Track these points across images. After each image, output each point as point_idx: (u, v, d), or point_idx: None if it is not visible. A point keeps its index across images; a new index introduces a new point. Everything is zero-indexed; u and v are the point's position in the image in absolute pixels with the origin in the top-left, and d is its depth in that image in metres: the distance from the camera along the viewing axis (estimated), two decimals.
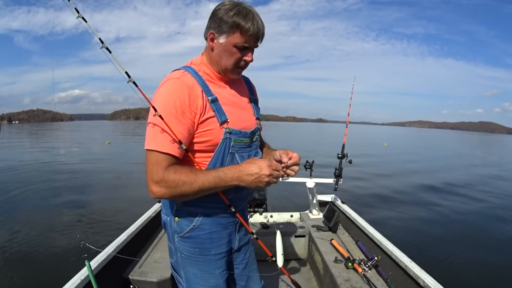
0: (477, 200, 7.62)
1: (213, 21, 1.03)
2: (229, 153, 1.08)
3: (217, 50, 1.06)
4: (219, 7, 1.03)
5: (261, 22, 1.03)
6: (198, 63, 1.12)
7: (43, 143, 22.92)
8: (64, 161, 13.17)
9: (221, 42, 1.03)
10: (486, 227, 5.51)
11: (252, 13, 1.01)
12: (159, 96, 1.01)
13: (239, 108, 1.14)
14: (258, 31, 1.02)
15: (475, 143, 50.70)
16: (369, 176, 10.06)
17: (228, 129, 1.06)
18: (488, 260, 4.08)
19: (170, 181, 0.95)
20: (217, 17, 1.02)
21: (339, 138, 1.11)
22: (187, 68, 1.08)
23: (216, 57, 1.07)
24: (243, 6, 1.01)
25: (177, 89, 1.00)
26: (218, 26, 1.02)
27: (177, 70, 1.09)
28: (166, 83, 1.03)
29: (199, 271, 1.15)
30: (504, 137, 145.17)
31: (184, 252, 1.14)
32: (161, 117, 0.95)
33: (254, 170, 0.98)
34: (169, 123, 0.95)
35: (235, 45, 1.02)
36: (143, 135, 1.02)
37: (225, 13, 1.00)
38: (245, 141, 1.13)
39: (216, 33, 1.03)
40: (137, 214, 2.66)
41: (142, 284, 1.95)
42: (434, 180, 10.02)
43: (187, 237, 1.12)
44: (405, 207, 6.72)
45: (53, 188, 7.93)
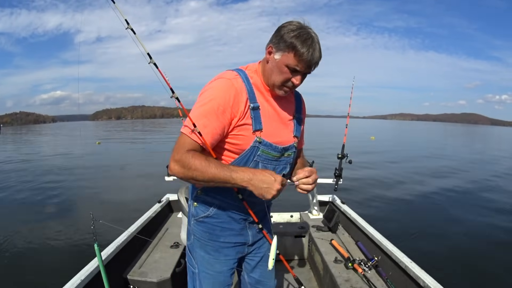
0: (478, 199, 7.62)
1: (275, 36, 1.06)
2: (254, 160, 1.12)
3: (270, 64, 1.09)
4: (286, 24, 1.06)
5: (318, 51, 1.04)
6: (252, 70, 1.15)
7: (37, 147, 22.83)
8: (65, 164, 13.17)
9: (276, 57, 1.06)
10: (486, 227, 5.51)
11: (313, 40, 1.02)
12: (208, 90, 1.08)
13: (278, 122, 1.17)
14: (311, 59, 1.03)
15: (464, 135, 50.76)
16: (369, 174, 10.06)
17: (259, 139, 1.10)
18: (488, 260, 4.08)
19: (186, 162, 1.00)
20: (279, 33, 1.05)
21: (328, 133, 1.07)
22: (241, 72, 1.13)
23: (268, 71, 1.10)
24: (307, 31, 1.03)
25: (225, 89, 1.06)
26: (277, 42, 1.05)
27: (231, 70, 1.14)
28: (218, 80, 1.09)
29: (206, 254, 1.25)
30: (488, 128, 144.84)
31: (197, 235, 1.25)
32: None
33: (267, 180, 0.98)
34: (208, 117, 1.04)
35: (287, 65, 1.05)
36: (129, 136, 1.03)
37: (287, 32, 1.03)
38: (273, 154, 1.15)
39: (274, 47, 1.06)
40: (137, 214, 2.67)
41: (142, 284, 1.95)
42: (432, 177, 10.01)
43: (201, 221, 1.23)
44: (405, 207, 6.72)
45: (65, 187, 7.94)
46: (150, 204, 2.97)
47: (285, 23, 1.07)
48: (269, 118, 1.13)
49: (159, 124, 63.68)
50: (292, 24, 1.04)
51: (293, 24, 1.05)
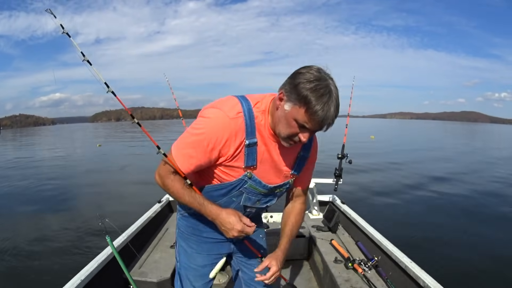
0: (478, 200, 7.62)
1: (289, 82, 0.93)
2: (239, 190, 1.11)
3: (279, 113, 0.97)
4: (303, 71, 0.92)
5: (335, 110, 0.91)
6: (260, 109, 1.04)
7: (38, 150, 22.80)
8: (68, 164, 13.17)
9: (285, 108, 0.94)
10: (487, 227, 5.51)
11: (330, 96, 0.89)
12: (205, 121, 1.01)
13: (274, 166, 1.11)
14: (324, 120, 0.91)
15: (464, 133, 50.78)
16: (368, 173, 10.06)
17: (250, 174, 1.07)
18: (488, 260, 4.07)
19: (165, 183, 1.07)
20: (294, 81, 0.92)
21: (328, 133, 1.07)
22: (246, 107, 1.01)
23: (276, 119, 0.99)
24: (326, 83, 0.90)
25: (220, 128, 0.98)
26: (289, 90, 0.92)
27: (236, 101, 1.02)
28: (218, 113, 1.00)
29: (189, 247, 1.29)
30: (488, 126, 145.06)
31: (181, 229, 1.30)
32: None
33: (228, 224, 1.04)
34: (196, 149, 1.01)
35: (296, 119, 0.93)
36: (127, 137, 1.04)
37: (302, 82, 0.90)
38: (260, 190, 1.13)
39: (285, 96, 0.94)
40: (137, 214, 2.67)
41: (142, 284, 1.95)
42: (431, 176, 10.00)
43: (185, 216, 1.28)
44: (404, 206, 6.72)
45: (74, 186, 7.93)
46: (150, 204, 2.97)
47: (303, 68, 0.93)
48: (265, 159, 1.08)
49: (158, 126, 63.69)
50: (310, 73, 0.91)
51: (311, 72, 0.91)
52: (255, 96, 1.06)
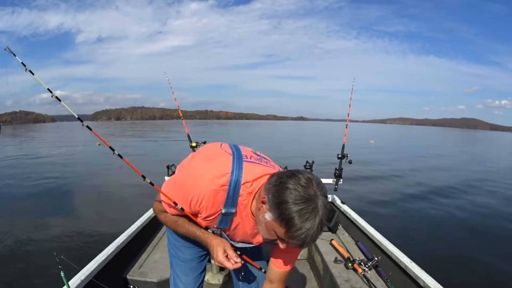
0: (478, 199, 7.63)
1: (274, 193, 0.86)
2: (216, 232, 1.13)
3: (259, 216, 0.93)
4: (291, 185, 0.84)
5: (316, 232, 0.85)
6: (250, 190, 1.00)
7: (38, 147, 22.77)
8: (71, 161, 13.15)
9: (266, 217, 0.89)
10: (487, 227, 5.51)
11: (315, 219, 0.83)
12: (191, 177, 1.03)
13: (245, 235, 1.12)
14: (302, 243, 0.87)
15: (463, 140, 50.82)
16: (367, 175, 10.07)
17: (220, 232, 1.11)
18: (488, 260, 4.08)
19: (159, 217, 1.19)
20: (280, 196, 0.84)
21: (328, 135, 1.03)
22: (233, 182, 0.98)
23: (256, 217, 0.97)
24: (313, 206, 0.83)
25: (202, 193, 0.99)
26: (272, 205, 0.86)
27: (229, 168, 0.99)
28: (205, 177, 0.98)
29: (175, 240, 1.31)
30: (488, 133, 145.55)
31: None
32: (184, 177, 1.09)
33: (212, 252, 1.09)
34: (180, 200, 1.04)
35: (275, 232, 0.90)
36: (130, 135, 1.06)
37: (288, 202, 0.83)
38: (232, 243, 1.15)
39: (267, 205, 0.88)
40: (137, 214, 2.67)
41: (142, 285, 1.95)
42: (431, 178, 10.02)
43: None
44: (404, 207, 6.72)
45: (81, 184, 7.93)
46: (150, 204, 2.96)
47: (291, 178, 0.85)
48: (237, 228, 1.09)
49: (158, 126, 63.68)
50: (297, 190, 0.83)
51: (298, 190, 0.83)
52: (252, 169, 1.01)
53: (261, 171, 1.02)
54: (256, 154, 1.12)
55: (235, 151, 1.07)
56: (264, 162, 1.09)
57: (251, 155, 1.09)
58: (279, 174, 0.91)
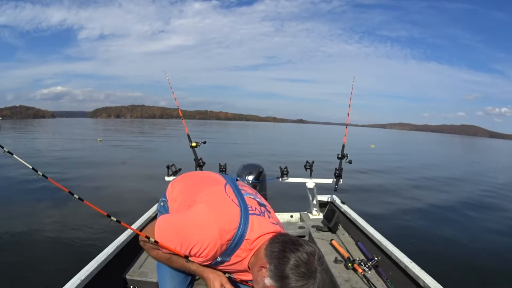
0: (477, 200, 7.65)
1: (276, 265, 0.90)
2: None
3: (258, 278, 0.95)
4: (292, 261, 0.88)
5: None
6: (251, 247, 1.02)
7: (37, 143, 22.67)
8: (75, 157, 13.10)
9: (265, 282, 0.92)
10: (487, 228, 5.53)
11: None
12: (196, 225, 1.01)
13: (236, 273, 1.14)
14: None
15: (463, 145, 50.96)
16: (369, 178, 10.07)
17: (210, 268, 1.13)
18: (488, 260, 4.08)
19: (149, 254, 1.17)
20: (282, 268, 0.88)
21: (328, 136, 1.02)
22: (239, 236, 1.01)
23: (254, 277, 0.99)
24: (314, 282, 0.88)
25: (206, 243, 0.99)
26: (274, 275, 0.89)
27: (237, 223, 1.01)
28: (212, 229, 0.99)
29: None
30: (487, 140, 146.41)
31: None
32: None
33: (209, 285, 1.09)
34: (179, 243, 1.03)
35: None
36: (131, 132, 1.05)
37: (291, 277, 0.87)
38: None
39: (268, 273, 0.91)
40: (137, 214, 2.66)
41: (142, 284, 1.95)
42: (433, 182, 10.05)
43: (162, 206, 1.38)
44: (405, 207, 6.73)
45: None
46: (150, 204, 2.95)
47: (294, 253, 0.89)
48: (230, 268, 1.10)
49: (159, 124, 63.57)
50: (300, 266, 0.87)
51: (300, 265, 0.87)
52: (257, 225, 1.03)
53: (264, 229, 1.03)
54: (258, 203, 1.12)
55: (241, 202, 1.07)
56: (267, 214, 1.10)
57: (255, 206, 1.09)
58: (282, 243, 0.93)
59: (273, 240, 0.97)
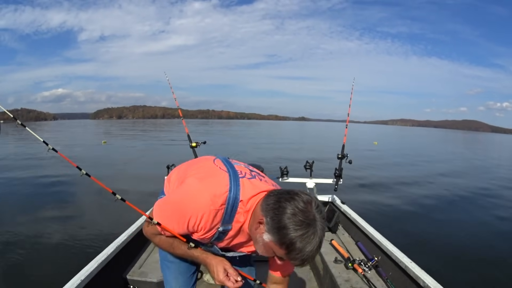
0: (477, 200, 7.61)
1: (272, 216, 0.87)
2: (207, 244, 1.12)
3: (257, 235, 0.93)
4: (289, 210, 0.85)
5: (314, 252, 0.87)
6: (247, 208, 1.00)
7: (39, 146, 22.72)
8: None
9: (264, 237, 0.90)
10: (487, 228, 5.51)
11: (313, 243, 0.85)
12: (188, 200, 1.00)
13: (238, 246, 1.13)
14: (302, 263, 0.89)
15: (466, 141, 50.77)
16: (372, 176, 10.04)
17: (211, 245, 1.11)
18: (488, 260, 4.07)
19: (153, 241, 1.16)
20: (279, 219, 0.85)
21: (329, 135, 1.00)
22: (233, 199, 0.98)
23: (253, 236, 0.97)
24: (313, 230, 0.84)
25: (201, 213, 0.97)
26: (272, 227, 0.87)
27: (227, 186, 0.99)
28: (203, 197, 0.98)
29: None
30: (489, 135, 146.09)
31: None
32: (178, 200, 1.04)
33: (211, 272, 1.08)
34: (176, 222, 1.03)
35: (274, 252, 0.92)
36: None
37: (289, 227, 0.84)
38: (221, 254, 1.14)
39: (266, 227, 0.89)
40: (137, 214, 2.66)
41: (142, 285, 1.95)
42: (434, 180, 10.01)
43: None
44: (405, 207, 6.71)
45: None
46: (150, 204, 2.96)
47: (289, 202, 0.86)
48: (233, 239, 1.08)
49: (160, 125, 63.67)
50: (297, 214, 0.84)
51: (297, 214, 0.84)
52: (248, 186, 1.01)
53: (257, 188, 1.01)
54: (249, 169, 1.11)
55: (230, 168, 1.06)
56: (259, 177, 1.08)
57: (245, 171, 1.07)
58: (277, 195, 0.91)
59: (268, 194, 0.94)
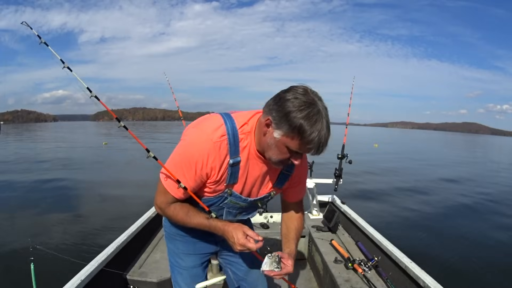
0: (477, 200, 7.62)
1: (278, 110, 0.88)
2: (219, 205, 1.12)
3: (267, 139, 0.93)
4: (290, 97, 0.86)
5: (326, 133, 0.87)
6: (248, 130, 1.00)
7: (42, 147, 22.81)
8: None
9: (275, 136, 0.90)
10: (487, 228, 5.50)
11: (322, 120, 0.86)
12: (188, 145, 1.00)
13: (255, 181, 1.09)
14: (318, 145, 0.87)
15: (467, 144, 50.80)
16: (373, 178, 10.04)
17: (230, 191, 1.07)
18: (488, 260, 4.08)
19: (167, 214, 1.11)
20: (283, 108, 0.86)
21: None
22: (230, 131, 0.98)
23: (265, 144, 0.96)
24: (317, 109, 0.85)
25: (205, 153, 0.97)
26: (279, 119, 0.87)
27: (221, 123, 0.99)
28: (201, 136, 0.98)
29: (176, 248, 1.28)
30: (489, 138, 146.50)
31: (166, 229, 1.30)
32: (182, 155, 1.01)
33: (231, 239, 1.05)
34: (183, 174, 1.00)
35: (288, 147, 0.90)
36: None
37: (293, 111, 0.84)
38: (241, 205, 1.13)
39: (274, 123, 0.89)
40: (137, 214, 2.66)
41: (142, 284, 1.94)
42: (434, 181, 10.03)
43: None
44: (405, 207, 6.72)
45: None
46: (150, 204, 2.96)
47: (289, 93, 0.88)
48: (247, 173, 1.06)
49: (160, 127, 63.81)
50: (298, 98, 0.85)
51: (299, 97, 0.86)
52: (241, 115, 1.03)
53: (251, 112, 1.04)
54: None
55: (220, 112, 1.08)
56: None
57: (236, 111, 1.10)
58: (273, 98, 0.92)
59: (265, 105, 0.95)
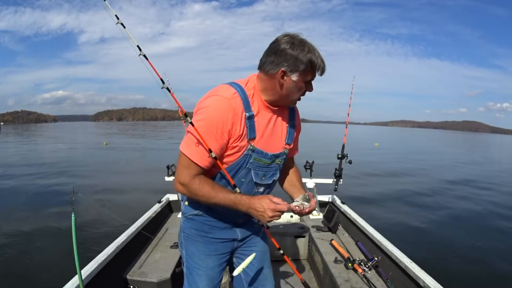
0: (477, 199, 7.62)
1: (285, 59, 1.03)
2: (246, 167, 1.15)
3: (288, 86, 1.08)
4: (286, 46, 1.03)
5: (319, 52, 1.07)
6: (252, 86, 1.13)
7: (41, 148, 22.81)
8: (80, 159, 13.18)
9: (293, 79, 1.06)
10: (486, 227, 5.51)
11: (314, 48, 1.05)
12: (206, 110, 1.06)
13: (271, 131, 1.17)
14: (324, 66, 1.07)
15: (467, 142, 50.85)
16: (374, 177, 10.04)
17: (252, 147, 1.12)
18: (488, 260, 4.08)
19: (192, 189, 1.10)
20: (289, 55, 1.03)
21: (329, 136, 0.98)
22: (239, 89, 1.10)
23: (285, 93, 1.10)
24: (306, 41, 1.05)
25: (223, 110, 1.05)
26: (293, 65, 1.03)
27: (228, 85, 1.11)
28: (216, 98, 1.07)
29: (196, 250, 1.27)
30: (489, 136, 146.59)
31: (186, 231, 1.29)
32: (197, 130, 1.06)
33: (260, 209, 1.07)
34: (206, 139, 1.04)
35: (305, 80, 1.08)
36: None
37: (301, 52, 1.02)
38: (264, 161, 1.17)
39: (288, 71, 1.05)
40: (137, 214, 2.67)
41: (142, 285, 1.95)
42: (436, 180, 10.03)
43: (190, 218, 1.27)
44: (405, 207, 6.72)
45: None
46: (150, 204, 2.96)
47: (280, 41, 1.05)
48: (263, 126, 1.14)
49: (160, 127, 63.89)
50: (292, 43, 1.03)
51: (292, 41, 1.03)
52: (238, 80, 1.15)
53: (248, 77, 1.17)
54: None
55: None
56: None
57: None
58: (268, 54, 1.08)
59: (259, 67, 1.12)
